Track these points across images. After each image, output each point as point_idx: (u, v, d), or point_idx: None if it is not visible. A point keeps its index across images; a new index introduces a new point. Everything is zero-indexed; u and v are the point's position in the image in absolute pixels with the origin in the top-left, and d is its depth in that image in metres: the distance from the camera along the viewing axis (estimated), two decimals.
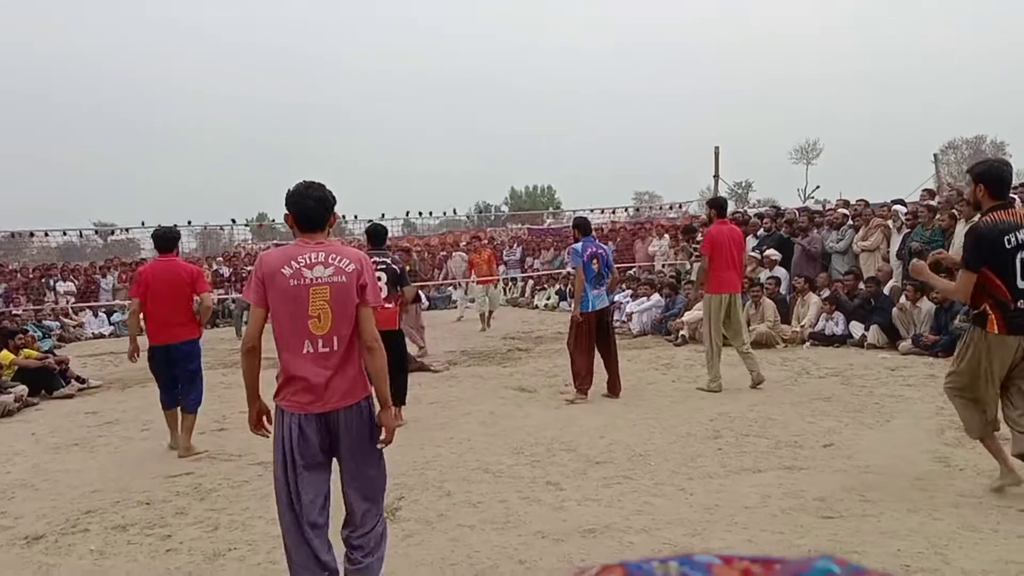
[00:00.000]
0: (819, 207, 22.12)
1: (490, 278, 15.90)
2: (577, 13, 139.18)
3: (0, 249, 21.99)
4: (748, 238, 14.56)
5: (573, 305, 8.31)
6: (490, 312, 15.62)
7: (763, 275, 12.94)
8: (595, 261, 8.16)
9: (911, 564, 3.88)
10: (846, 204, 14.69)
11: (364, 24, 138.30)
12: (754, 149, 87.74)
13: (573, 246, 8.45)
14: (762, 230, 14.46)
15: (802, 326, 11.54)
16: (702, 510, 4.79)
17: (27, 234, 21.66)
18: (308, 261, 3.39)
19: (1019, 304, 4.53)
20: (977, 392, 4.78)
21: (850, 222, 12.97)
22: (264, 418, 3.69)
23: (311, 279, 3.37)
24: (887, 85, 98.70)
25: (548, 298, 20.84)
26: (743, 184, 66.67)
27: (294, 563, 3.52)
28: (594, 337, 8.22)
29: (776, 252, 13.20)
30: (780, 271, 13.03)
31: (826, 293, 11.73)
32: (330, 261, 3.41)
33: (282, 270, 3.37)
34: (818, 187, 57.31)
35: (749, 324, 11.48)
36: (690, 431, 6.64)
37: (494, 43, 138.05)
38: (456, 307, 19.10)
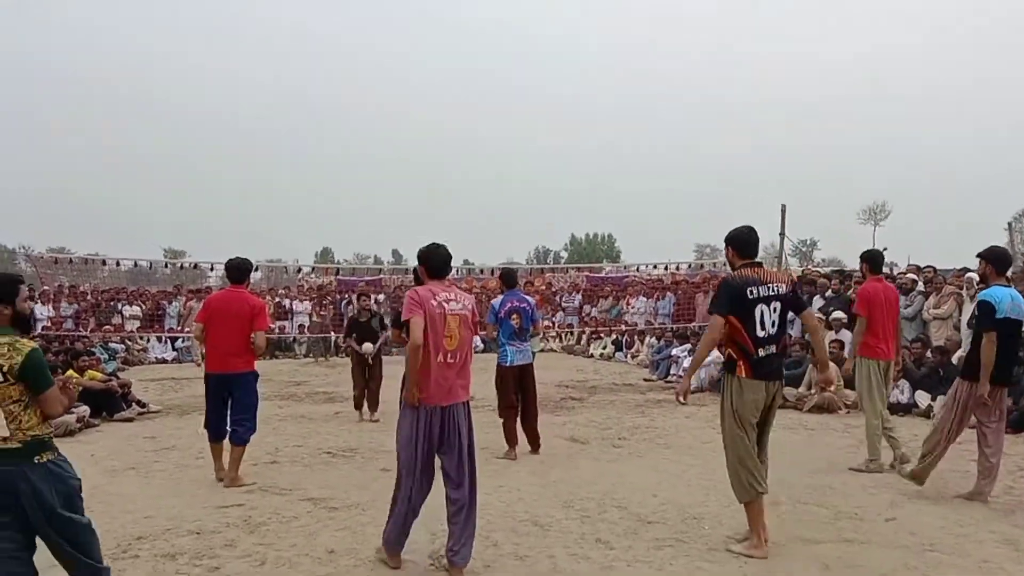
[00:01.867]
0: (886, 269, 21.75)
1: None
2: (644, 63, 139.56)
3: (74, 271, 22.68)
4: (815, 298, 14.31)
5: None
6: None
7: (828, 338, 12.66)
8: (515, 316, 8.07)
9: None
10: (918, 270, 14.37)
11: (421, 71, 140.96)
12: (820, 208, 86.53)
13: (492, 301, 8.46)
14: (830, 291, 14.18)
15: None
16: None
17: (99, 261, 22.37)
18: (445, 297, 4.73)
19: (759, 352, 5.02)
20: (741, 447, 5.08)
21: (920, 287, 12.65)
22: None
23: (448, 309, 4.70)
24: (960, 149, 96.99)
25: (604, 347, 20.73)
26: (808, 243, 65.88)
27: None
28: (516, 392, 8.14)
29: (843, 314, 12.90)
30: (845, 334, 12.72)
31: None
32: (456, 297, 4.81)
33: (431, 301, 4.65)
34: (885, 248, 56.11)
35: (810, 388, 11.23)
36: None
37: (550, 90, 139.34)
38: None
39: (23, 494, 3.52)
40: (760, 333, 5.04)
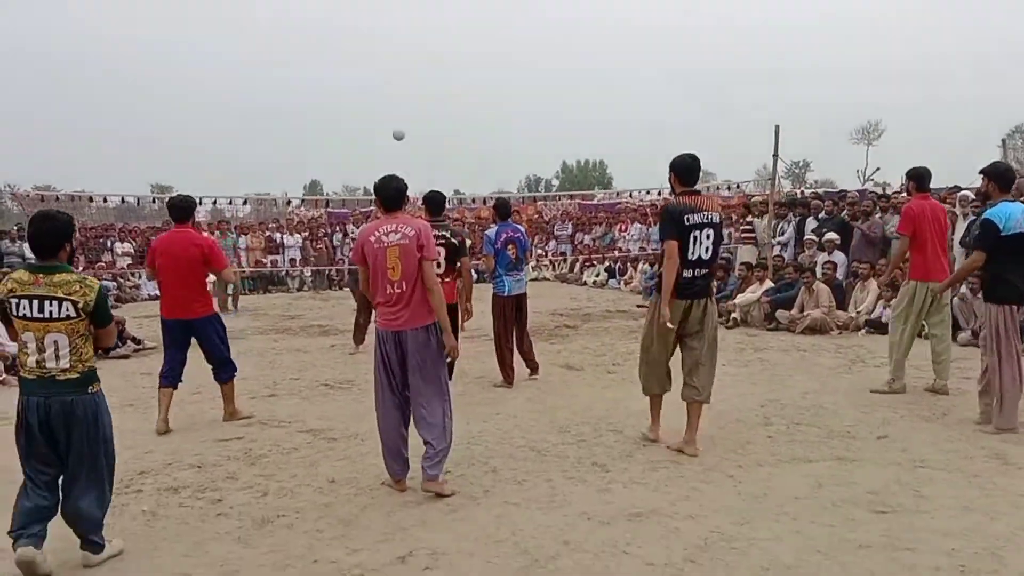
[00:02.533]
0: (878, 189, 21.67)
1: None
2: None
3: (61, 208, 22.50)
4: (808, 220, 14.28)
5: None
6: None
7: (820, 259, 12.69)
8: (511, 247, 8.09)
9: (966, 565, 3.77)
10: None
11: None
12: (813, 128, 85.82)
13: (487, 232, 8.40)
14: (823, 212, 14.13)
15: (858, 312, 11.29)
16: (750, 498, 4.72)
17: (86, 198, 22.14)
18: (386, 230, 4.84)
19: (685, 273, 5.44)
20: (651, 353, 5.78)
21: None
22: None
23: (387, 242, 4.80)
24: (952, 67, 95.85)
25: (597, 275, 20.75)
26: (800, 164, 65.50)
27: None
28: (512, 322, 8.20)
29: (836, 235, 12.91)
30: (839, 256, 12.75)
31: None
32: (398, 229, 4.82)
33: (370, 238, 4.85)
34: (878, 169, 55.92)
35: (803, 309, 11.29)
36: (740, 417, 6.55)
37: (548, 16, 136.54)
38: None
39: (79, 421, 3.89)
40: (691, 256, 5.43)
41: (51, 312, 3.80)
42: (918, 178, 7.56)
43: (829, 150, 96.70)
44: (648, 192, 24.82)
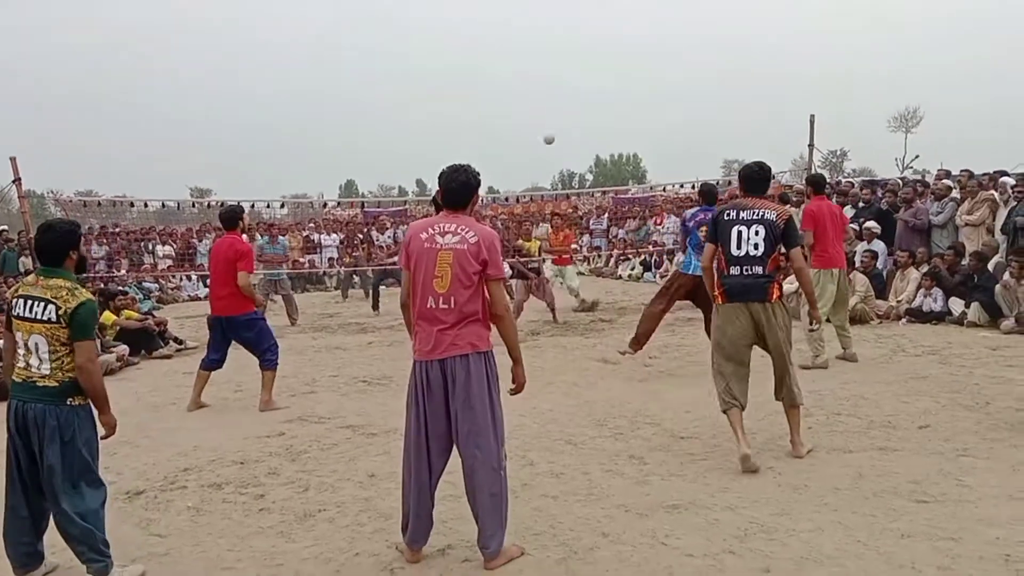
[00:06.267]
0: (918, 177, 21.31)
1: (566, 261, 15.31)
2: None
3: (102, 213, 22.86)
4: (846, 208, 14.06)
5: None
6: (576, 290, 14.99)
7: (859, 248, 12.51)
8: (703, 229, 8.02)
9: (1011, 554, 3.72)
10: (948, 175, 14.04)
11: None
12: (850, 117, 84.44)
13: (684, 212, 8.47)
14: (861, 201, 13.93)
15: (899, 301, 11.13)
16: (790, 489, 4.70)
17: (127, 203, 22.55)
18: (442, 228, 3.90)
19: (731, 270, 5.22)
20: (716, 364, 5.41)
21: (953, 194, 12.38)
22: None
23: (441, 244, 3.87)
24: (993, 54, 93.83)
25: (632, 268, 20.64)
26: (838, 153, 64.62)
27: None
28: (676, 298, 8.35)
29: (875, 224, 12.71)
30: (878, 244, 12.56)
31: (925, 268, 11.26)
32: (457, 230, 3.88)
33: (420, 234, 3.92)
34: (917, 156, 55.04)
35: None
36: (778, 408, 6.47)
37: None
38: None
39: (52, 434, 3.71)
40: (736, 252, 5.19)
41: (36, 313, 3.73)
42: (815, 183, 8.66)
43: (866, 139, 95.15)
44: (682, 186, 24.63)
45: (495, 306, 3.92)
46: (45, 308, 3.71)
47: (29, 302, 3.76)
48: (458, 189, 3.93)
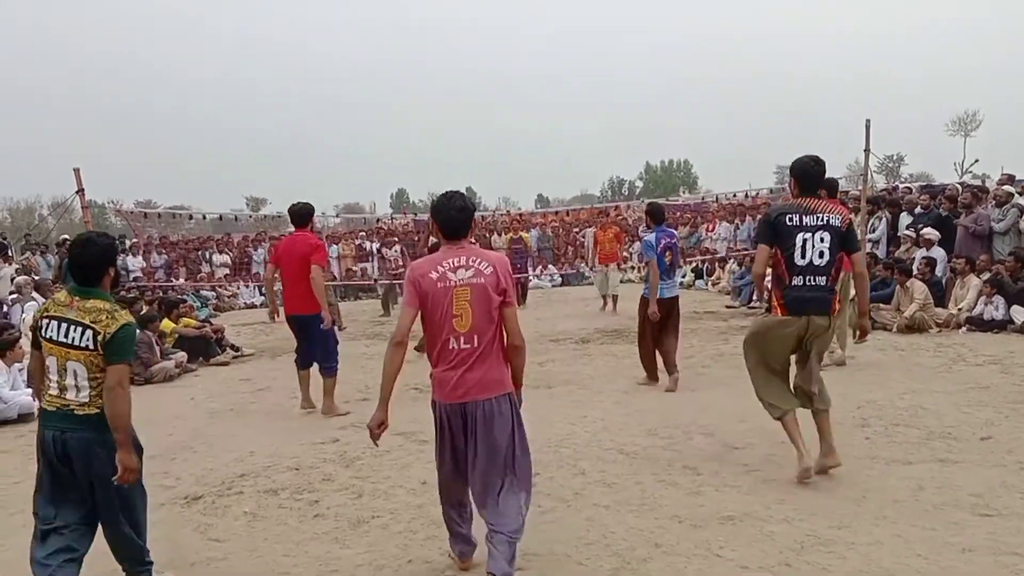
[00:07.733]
0: (977, 182, 20.78)
1: (612, 258, 15.42)
2: None
3: (161, 223, 23.44)
4: (902, 215, 13.74)
5: (651, 297, 7.95)
6: (614, 296, 14.92)
7: (917, 255, 12.23)
8: (668, 253, 8.01)
9: None
10: (1011, 179, 13.65)
11: None
12: (907, 120, 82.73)
13: (646, 238, 8.25)
14: (919, 207, 13.59)
15: (959, 309, 10.85)
16: (848, 502, 4.61)
17: (186, 215, 23.11)
18: (453, 264, 3.66)
19: (794, 280, 4.89)
20: (759, 374, 5.30)
21: (1018, 200, 12.02)
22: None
23: (455, 281, 3.63)
24: None
25: (684, 275, 20.45)
26: (894, 157, 63.37)
27: None
28: (659, 326, 8.04)
29: (934, 231, 12.41)
30: (937, 251, 12.26)
31: (986, 275, 10.96)
32: (470, 263, 3.66)
33: (430, 274, 3.65)
34: (976, 161, 53.63)
35: (898, 309, 10.92)
36: (836, 419, 6.32)
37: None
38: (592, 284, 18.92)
39: (96, 459, 3.49)
40: (800, 261, 4.86)
41: (73, 339, 3.46)
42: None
43: (925, 143, 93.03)
44: (735, 195, 24.33)
45: (512, 336, 3.73)
46: (83, 334, 3.46)
47: (64, 325, 3.49)
48: (458, 216, 3.74)
